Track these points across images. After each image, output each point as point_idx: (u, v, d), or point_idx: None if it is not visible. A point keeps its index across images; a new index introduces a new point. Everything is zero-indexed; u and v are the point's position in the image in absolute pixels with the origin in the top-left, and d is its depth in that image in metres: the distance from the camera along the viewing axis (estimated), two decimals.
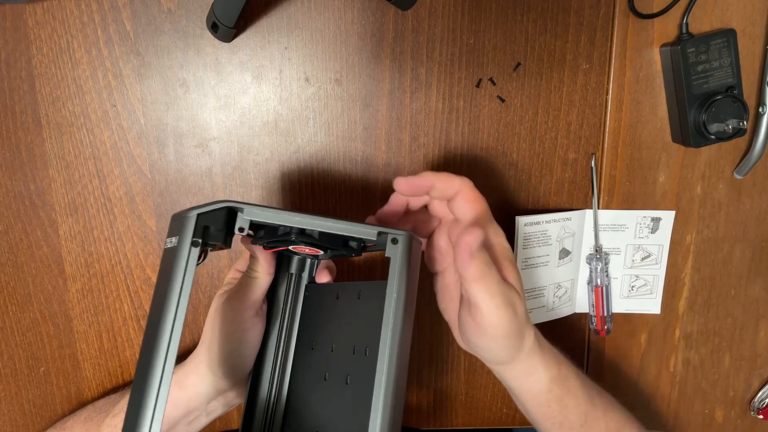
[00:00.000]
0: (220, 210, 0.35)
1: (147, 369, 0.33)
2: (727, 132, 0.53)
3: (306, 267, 0.49)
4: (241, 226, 0.36)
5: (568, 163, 0.57)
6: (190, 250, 0.34)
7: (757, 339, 0.64)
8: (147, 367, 0.33)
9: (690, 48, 0.52)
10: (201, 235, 0.34)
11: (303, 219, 0.37)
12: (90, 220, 0.54)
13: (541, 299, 0.59)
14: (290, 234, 0.38)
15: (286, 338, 0.48)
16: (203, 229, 0.35)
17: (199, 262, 0.35)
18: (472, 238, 0.36)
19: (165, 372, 0.33)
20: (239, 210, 0.36)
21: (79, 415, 0.55)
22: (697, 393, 0.64)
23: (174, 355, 0.33)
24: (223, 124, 0.53)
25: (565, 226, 0.57)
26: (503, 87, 0.54)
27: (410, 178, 0.41)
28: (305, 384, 0.46)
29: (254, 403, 0.46)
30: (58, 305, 0.56)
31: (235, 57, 0.52)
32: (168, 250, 0.36)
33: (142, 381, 0.33)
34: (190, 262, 0.34)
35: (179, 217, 0.35)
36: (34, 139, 0.52)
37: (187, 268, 0.34)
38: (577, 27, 0.54)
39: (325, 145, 0.54)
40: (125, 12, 0.50)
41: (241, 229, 0.36)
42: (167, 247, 0.36)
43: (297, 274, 0.48)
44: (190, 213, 0.35)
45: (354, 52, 0.52)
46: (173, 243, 0.35)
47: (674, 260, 0.60)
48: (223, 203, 0.36)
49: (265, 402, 0.47)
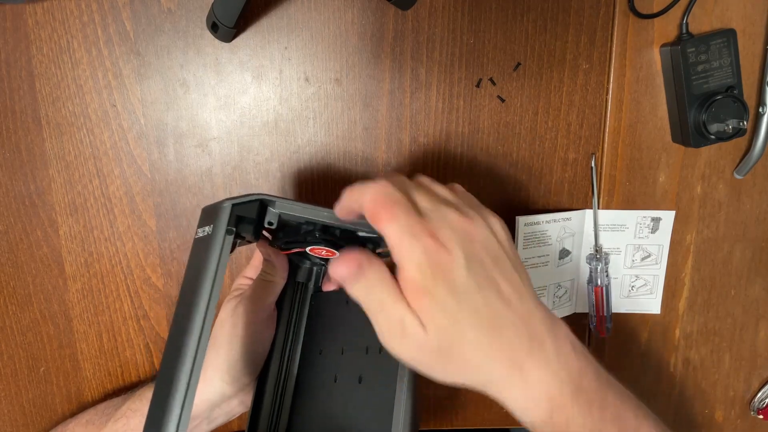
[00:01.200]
0: (253, 202, 0.36)
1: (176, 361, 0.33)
2: (727, 132, 0.53)
3: (312, 277, 0.49)
4: (270, 220, 0.37)
5: (568, 163, 0.57)
6: (225, 238, 0.34)
7: (757, 339, 0.64)
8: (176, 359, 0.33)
9: (690, 48, 0.52)
10: (234, 225, 0.35)
11: (332, 214, 0.37)
12: (90, 220, 0.54)
13: (541, 299, 0.59)
14: (314, 231, 0.39)
15: (292, 345, 0.48)
16: (236, 219, 0.35)
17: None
18: (332, 281, 0.34)
19: (195, 365, 0.32)
20: (270, 204, 0.37)
21: (80, 417, 0.55)
22: (697, 393, 0.64)
23: (205, 346, 0.33)
24: (223, 124, 0.53)
25: (565, 226, 0.57)
26: (503, 87, 0.54)
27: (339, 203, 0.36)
28: (313, 387, 0.46)
29: (259, 408, 0.46)
30: (58, 305, 0.56)
31: (235, 57, 0.52)
32: (200, 239, 0.36)
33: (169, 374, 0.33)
34: (224, 250, 0.34)
35: (213, 207, 0.36)
36: (34, 139, 0.52)
37: (222, 256, 0.34)
38: (577, 27, 0.54)
39: (325, 145, 0.54)
40: (125, 12, 0.50)
41: (270, 222, 0.37)
42: (198, 237, 0.36)
43: (304, 283, 0.49)
44: (224, 203, 0.35)
45: (354, 52, 0.52)
46: (206, 232, 0.35)
47: (674, 260, 0.60)
48: (256, 195, 0.36)
49: (270, 407, 0.47)
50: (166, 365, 0.34)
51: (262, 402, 0.47)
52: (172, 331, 0.35)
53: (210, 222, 0.35)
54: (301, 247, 0.41)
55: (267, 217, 0.37)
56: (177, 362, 0.32)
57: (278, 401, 0.47)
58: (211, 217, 0.36)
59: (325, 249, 0.41)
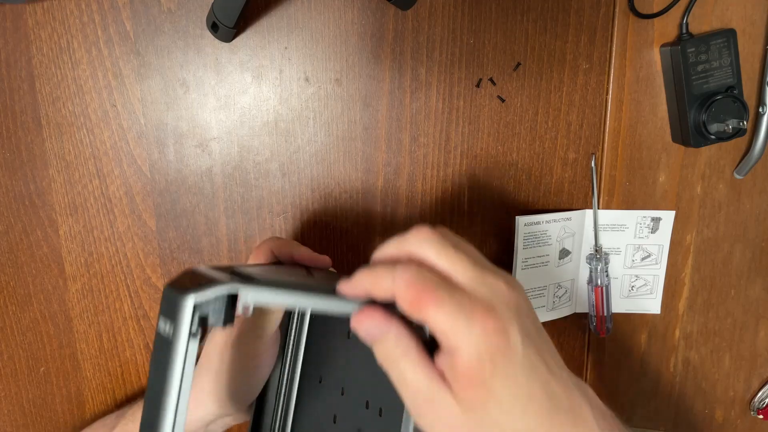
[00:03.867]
0: (220, 299, 0.31)
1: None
2: (727, 132, 0.53)
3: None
4: (242, 312, 0.31)
5: (568, 163, 0.57)
6: (189, 342, 0.30)
7: (757, 339, 0.64)
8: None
9: (690, 48, 0.52)
10: (199, 323, 0.30)
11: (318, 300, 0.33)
12: (90, 220, 0.54)
13: (541, 299, 0.59)
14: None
15: (290, 368, 0.46)
16: (200, 320, 0.30)
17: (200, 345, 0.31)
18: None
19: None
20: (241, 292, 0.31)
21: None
22: (697, 393, 0.64)
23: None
24: (223, 124, 0.53)
25: (565, 226, 0.57)
26: (503, 87, 0.54)
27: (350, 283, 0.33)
28: (313, 419, 0.44)
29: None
30: (58, 305, 0.56)
31: (235, 57, 0.52)
32: (161, 338, 0.31)
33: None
34: (188, 357, 0.30)
35: (174, 297, 0.30)
36: (34, 139, 0.52)
37: (186, 366, 0.30)
38: (577, 27, 0.54)
39: (325, 145, 0.54)
40: (125, 12, 0.50)
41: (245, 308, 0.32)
42: (161, 333, 0.31)
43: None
44: (186, 299, 0.29)
45: (354, 52, 0.52)
46: (167, 332, 0.30)
47: (674, 260, 0.60)
48: (224, 287, 0.30)
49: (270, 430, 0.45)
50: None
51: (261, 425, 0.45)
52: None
53: (171, 316, 0.30)
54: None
55: (239, 308, 0.31)
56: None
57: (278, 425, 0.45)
58: (171, 311, 0.30)
59: None
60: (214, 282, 0.30)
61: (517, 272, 0.57)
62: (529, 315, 0.31)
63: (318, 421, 0.44)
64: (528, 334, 0.29)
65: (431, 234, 0.31)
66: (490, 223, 0.57)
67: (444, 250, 0.31)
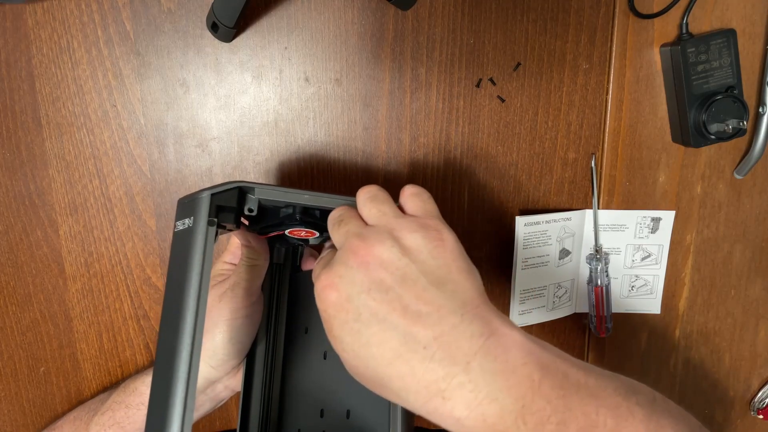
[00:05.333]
0: (232, 190, 0.35)
1: (171, 365, 0.31)
2: (727, 132, 0.53)
3: (289, 258, 0.50)
4: (250, 207, 0.37)
5: (568, 163, 0.57)
6: (207, 229, 0.33)
7: (757, 339, 0.64)
8: (171, 362, 0.31)
9: (690, 48, 0.52)
10: (215, 215, 0.34)
11: (312, 197, 0.37)
12: (90, 220, 0.54)
13: (541, 299, 0.59)
14: (294, 215, 0.39)
15: (275, 325, 0.48)
16: (216, 209, 0.34)
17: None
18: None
19: (192, 368, 0.31)
20: (249, 191, 0.37)
21: (69, 415, 0.55)
22: (697, 393, 0.64)
23: (200, 346, 0.32)
24: (223, 124, 0.53)
25: (565, 226, 0.57)
26: (503, 87, 0.54)
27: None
28: (303, 365, 0.46)
29: (250, 391, 0.47)
30: (58, 305, 0.56)
31: (235, 57, 0.52)
32: (181, 233, 0.35)
33: (166, 377, 0.31)
34: (208, 242, 0.33)
35: (191, 199, 0.35)
36: (34, 139, 0.52)
37: (206, 249, 0.33)
38: (577, 27, 0.54)
39: (325, 145, 0.54)
40: (125, 12, 0.50)
41: (250, 209, 0.37)
42: (178, 230, 0.35)
43: (282, 264, 0.49)
44: (203, 194, 0.34)
45: (354, 52, 0.52)
46: (187, 225, 0.34)
47: (674, 260, 0.60)
48: (235, 183, 0.36)
49: (261, 388, 0.47)
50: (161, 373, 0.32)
51: (252, 381, 0.47)
52: (162, 334, 0.33)
53: (189, 214, 0.34)
54: (280, 231, 0.41)
55: (247, 204, 0.37)
56: (174, 368, 0.31)
57: (268, 379, 0.47)
58: (190, 209, 0.34)
59: (304, 230, 0.41)
60: (225, 183, 0.35)
61: (517, 272, 0.57)
62: (388, 268, 0.32)
63: (309, 363, 0.46)
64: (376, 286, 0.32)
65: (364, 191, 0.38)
66: (490, 223, 0.57)
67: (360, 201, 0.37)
